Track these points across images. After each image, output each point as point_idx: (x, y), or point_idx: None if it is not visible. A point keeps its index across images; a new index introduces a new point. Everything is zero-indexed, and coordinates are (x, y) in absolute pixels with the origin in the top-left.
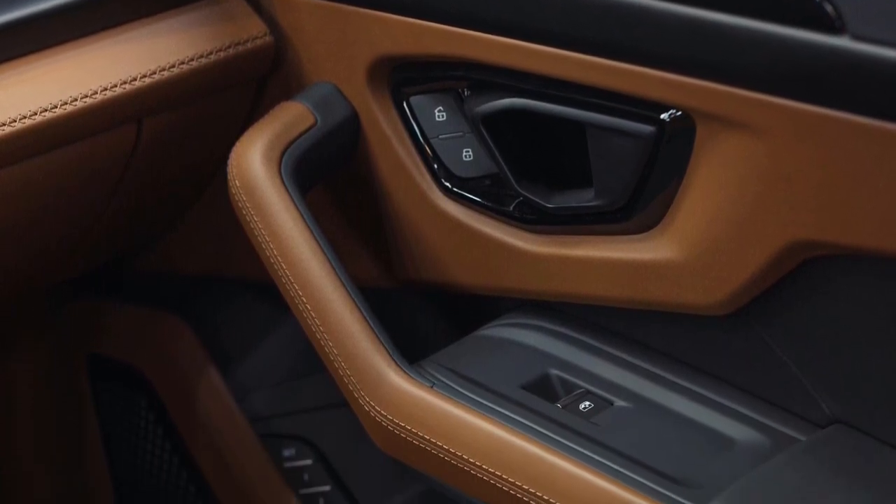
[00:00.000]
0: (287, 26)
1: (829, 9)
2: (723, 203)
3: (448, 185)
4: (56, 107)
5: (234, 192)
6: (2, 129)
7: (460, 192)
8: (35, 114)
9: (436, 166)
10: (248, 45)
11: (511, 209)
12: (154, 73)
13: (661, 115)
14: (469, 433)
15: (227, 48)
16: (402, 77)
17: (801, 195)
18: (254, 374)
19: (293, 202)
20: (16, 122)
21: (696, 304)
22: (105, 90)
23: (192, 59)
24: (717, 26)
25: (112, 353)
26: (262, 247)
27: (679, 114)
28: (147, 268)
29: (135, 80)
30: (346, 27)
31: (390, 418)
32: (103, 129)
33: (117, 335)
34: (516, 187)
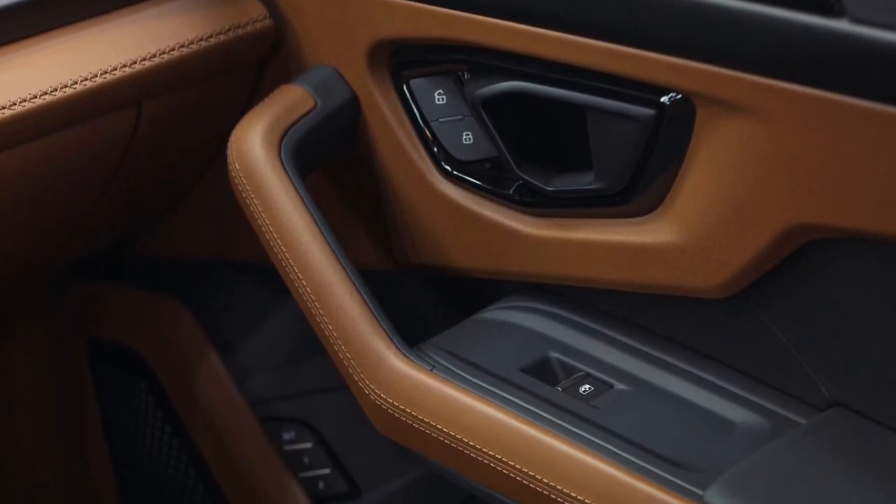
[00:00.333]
0: (287, 9)
1: None
2: (723, 186)
3: (448, 168)
4: (56, 90)
5: (233, 175)
6: (1, 112)
7: (460, 175)
8: (35, 97)
9: (436, 149)
10: (248, 29)
11: (511, 192)
12: (154, 57)
13: (661, 99)
14: (469, 416)
15: (227, 31)
16: (402, 60)
17: (801, 178)
18: (254, 357)
19: (293, 185)
20: (16, 105)
21: (695, 287)
22: (105, 73)
23: (191, 43)
24: (718, 10)
25: (112, 337)
26: (262, 230)
27: (679, 97)
28: (147, 251)
29: (135, 63)
30: (345, 10)
31: (390, 401)
32: (103, 112)
33: (117, 319)
34: (516, 170)
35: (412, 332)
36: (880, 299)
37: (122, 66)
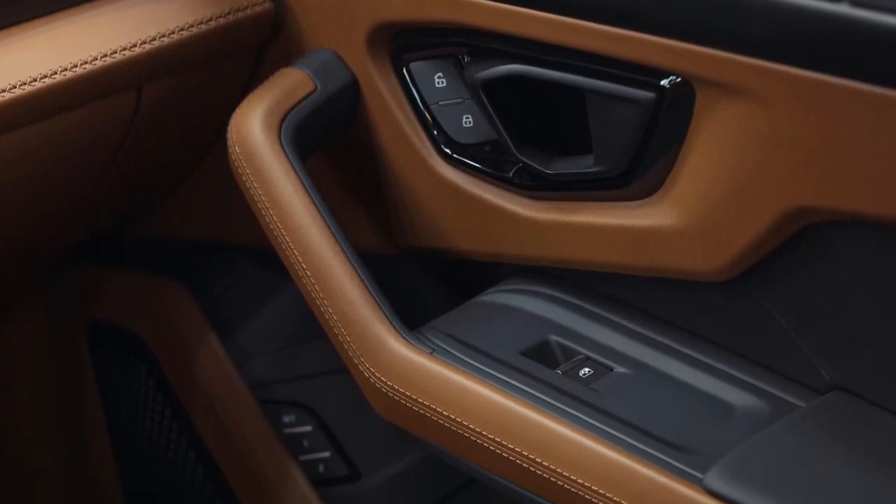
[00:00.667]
0: None
1: None
2: (722, 169)
3: (448, 151)
4: (56, 73)
5: (233, 158)
6: (1, 95)
7: (460, 158)
8: (35, 80)
9: (435, 133)
10: (248, 12)
11: (511, 175)
12: (154, 40)
13: (661, 82)
14: (469, 399)
15: (227, 14)
16: (402, 43)
17: (801, 162)
18: (254, 340)
19: (293, 168)
20: (15, 88)
21: (695, 270)
22: (105, 57)
23: (191, 26)
24: None
25: (112, 320)
26: (262, 213)
27: (679, 80)
28: (147, 234)
29: (134, 46)
30: None
31: (390, 384)
32: (103, 95)
33: (117, 302)
34: (516, 153)
35: (412, 316)
36: (880, 282)
37: (122, 50)
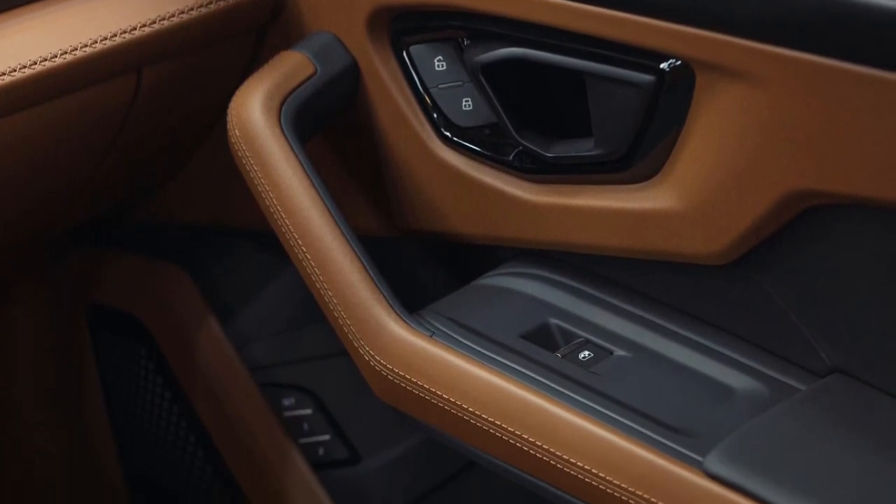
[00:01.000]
0: None
1: None
2: (722, 152)
3: (448, 134)
4: (56, 56)
5: (233, 141)
6: (1, 78)
7: (460, 141)
8: (35, 63)
9: (435, 116)
10: None
11: (511, 158)
12: (154, 23)
13: (661, 65)
14: (468, 382)
15: None
16: (402, 26)
17: (801, 144)
18: (254, 323)
19: (293, 151)
20: (15, 71)
21: (695, 253)
22: (105, 39)
23: (192, 9)
24: None
25: (112, 303)
26: (262, 196)
27: (678, 63)
28: (147, 217)
29: (135, 29)
30: None
31: (390, 367)
32: (103, 78)
33: (117, 285)
34: (516, 137)
35: (412, 299)
36: (881, 266)
37: (122, 33)
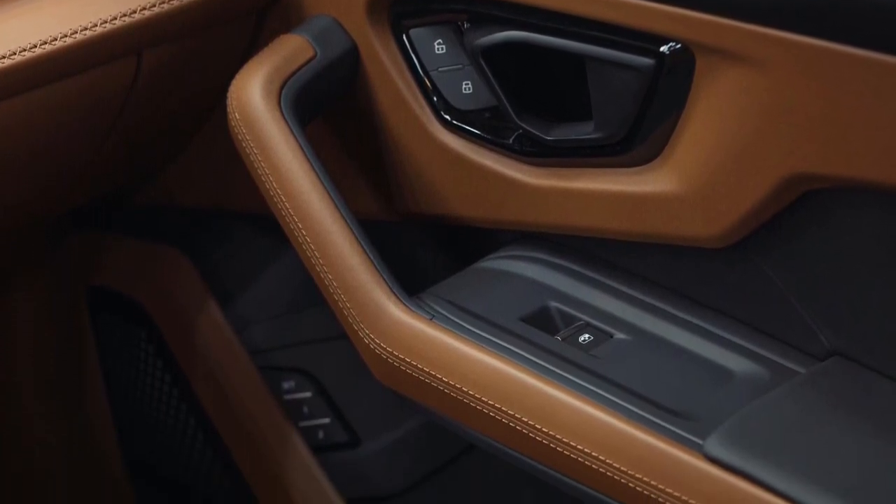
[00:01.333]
0: None
1: None
2: (722, 136)
3: (447, 117)
4: (56, 39)
5: (233, 124)
6: (1, 61)
7: (460, 124)
8: (35, 46)
9: (435, 99)
10: None
11: (510, 142)
12: (154, 6)
13: (661, 48)
14: (468, 365)
15: None
16: (402, 10)
17: (801, 128)
18: (254, 306)
19: (293, 135)
20: (15, 54)
21: (695, 236)
22: (105, 23)
23: None
24: None
25: (112, 286)
26: (262, 179)
27: (679, 46)
28: (147, 201)
29: (135, 12)
30: None
31: (390, 351)
32: (103, 62)
33: (117, 268)
34: (516, 120)
35: (412, 282)
36: (881, 249)
37: (121, 16)
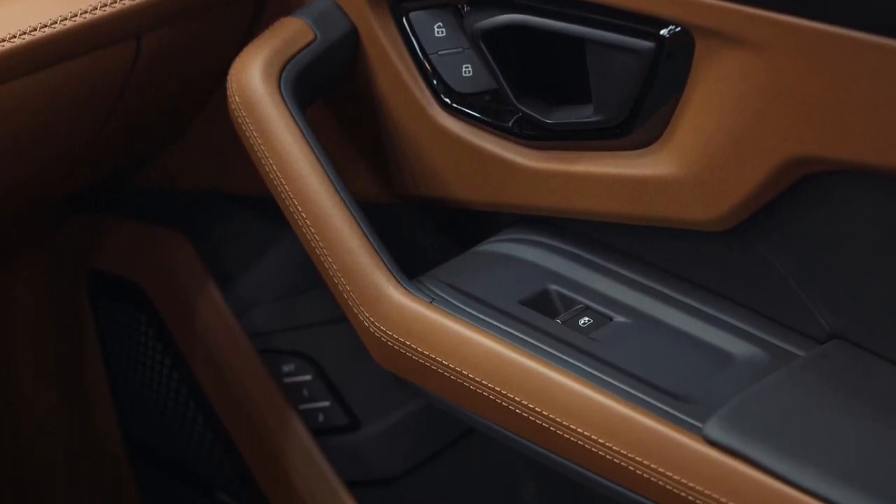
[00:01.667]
0: None
1: None
2: (722, 119)
3: (447, 100)
4: (56, 22)
5: (233, 107)
6: (1, 45)
7: (460, 107)
8: (35, 29)
9: (435, 82)
10: None
11: (510, 125)
12: None
13: (661, 31)
14: (468, 349)
15: None
16: None
17: (800, 111)
18: (254, 289)
19: (292, 118)
20: (15, 38)
21: (695, 219)
22: (105, 6)
23: None
24: None
25: (112, 269)
26: (262, 162)
27: (678, 30)
28: (147, 183)
29: None
30: None
31: (390, 334)
32: (103, 44)
33: (117, 251)
34: (515, 103)
35: (411, 265)
36: (880, 232)
37: None
